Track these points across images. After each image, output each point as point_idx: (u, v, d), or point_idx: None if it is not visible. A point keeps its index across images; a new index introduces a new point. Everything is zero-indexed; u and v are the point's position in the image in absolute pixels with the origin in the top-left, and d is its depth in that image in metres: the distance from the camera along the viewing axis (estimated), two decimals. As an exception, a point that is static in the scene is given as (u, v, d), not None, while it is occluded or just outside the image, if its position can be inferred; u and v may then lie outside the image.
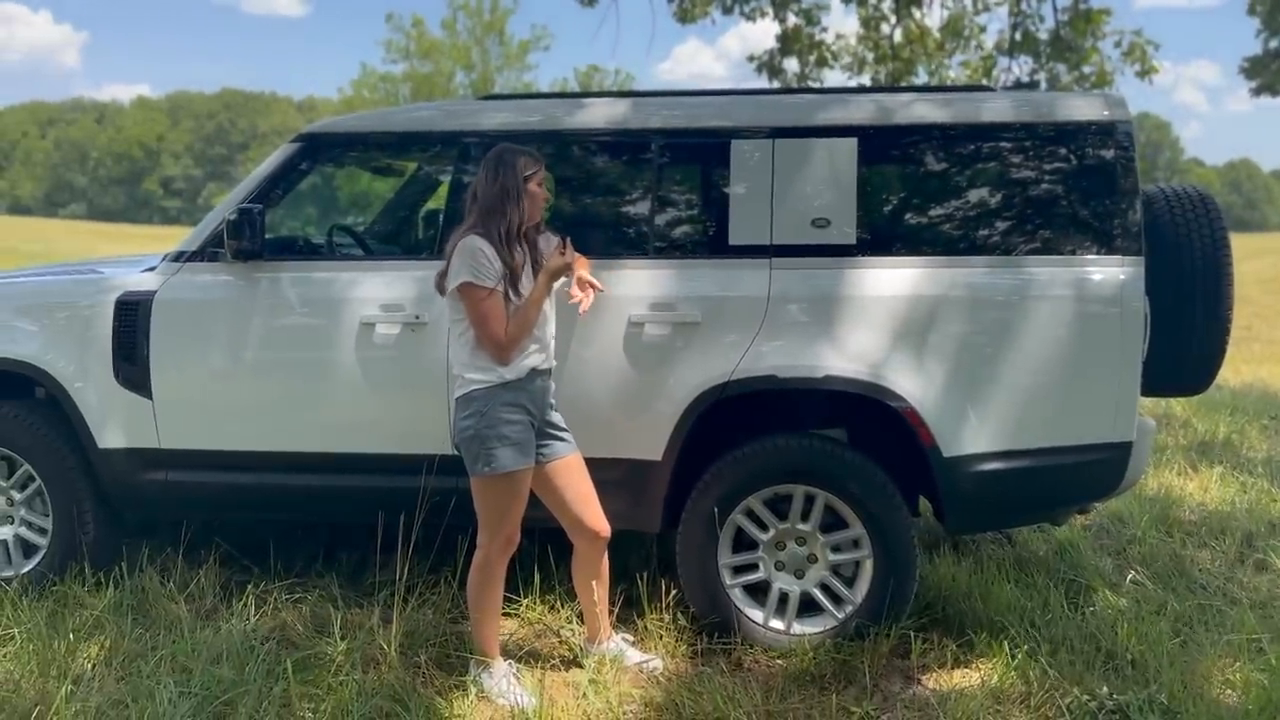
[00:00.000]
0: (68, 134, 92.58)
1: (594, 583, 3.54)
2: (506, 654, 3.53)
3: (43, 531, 4.16)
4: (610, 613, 3.68)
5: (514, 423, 3.24)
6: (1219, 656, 3.57)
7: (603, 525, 3.49)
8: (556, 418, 3.44)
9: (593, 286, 3.33)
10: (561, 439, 3.43)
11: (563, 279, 3.35)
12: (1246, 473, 6.19)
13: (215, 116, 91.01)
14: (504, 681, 3.33)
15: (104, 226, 58.51)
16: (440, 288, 3.33)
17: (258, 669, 3.35)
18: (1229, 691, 3.35)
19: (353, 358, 3.83)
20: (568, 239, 3.34)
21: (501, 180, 3.26)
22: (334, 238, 4.54)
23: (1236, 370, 10.68)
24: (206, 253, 4.00)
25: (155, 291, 3.98)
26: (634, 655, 3.57)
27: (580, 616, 3.84)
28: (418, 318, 3.79)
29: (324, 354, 3.86)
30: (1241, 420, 7.72)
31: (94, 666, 3.46)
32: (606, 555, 3.56)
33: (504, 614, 3.59)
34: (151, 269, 4.09)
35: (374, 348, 3.82)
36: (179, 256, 4.04)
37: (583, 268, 3.37)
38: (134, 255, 5.38)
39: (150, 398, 3.95)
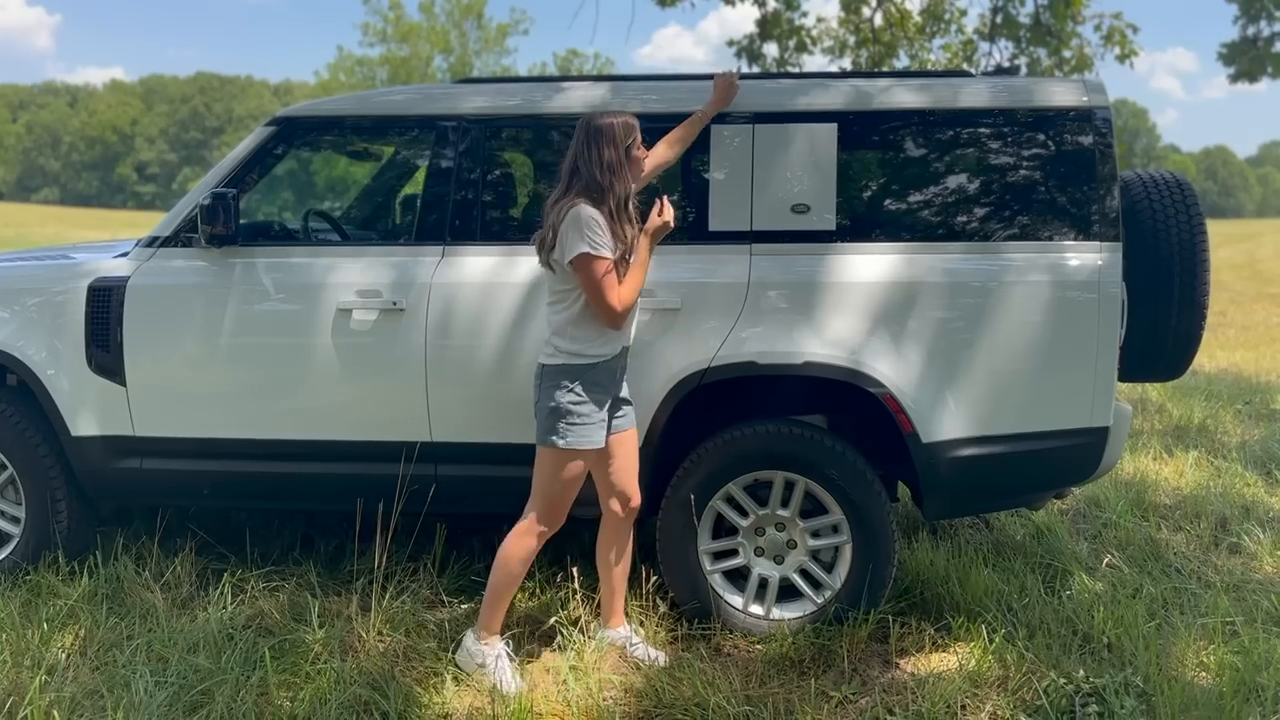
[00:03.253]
0: (40, 118, 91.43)
1: (618, 562, 3.56)
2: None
3: (15, 520, 4.12)
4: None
5: (599, 403, 3.26)
6: (1194, 639, 3.61)
7: (637, 495, 3.52)
8: (625, 390, 3.45)
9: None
10: (625, 414, 3.45)
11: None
12: (1221, 457, 6.25)
13: (190, 100, 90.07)
14: (494, 660, 3.32)
15: (77, 211, 57.86)
16: (546, 261, 3.24)
17: (235, 658, 3.34)
18: (1203, 674, 3.39)
19: (329, 344, 3.80)
20: (663, 196, 3.32)
21: (603, 153, 3.20)
22: (310, 223, 4.50)
23: (1211, 356, 10.77)
24: (180, 238, 3.95)
25: (128, 277, 3.93)
26: (640, 650, 3.54)
27: (563, 601, 3.84)
28: (395, 303, 3.76)
29: (300, 340, 3.82)
30: (1216, 405, 7.79)
31: (68, 656, 3.43)
32: (632, 538, 3.57)
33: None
34: (125, 255, 4.04)
35: (351, 334, 3.79)
36: (152, 242, 3.99)
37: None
38: (107, 241, 5.31)
39: (124, 385, 3.91)
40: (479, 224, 3.85)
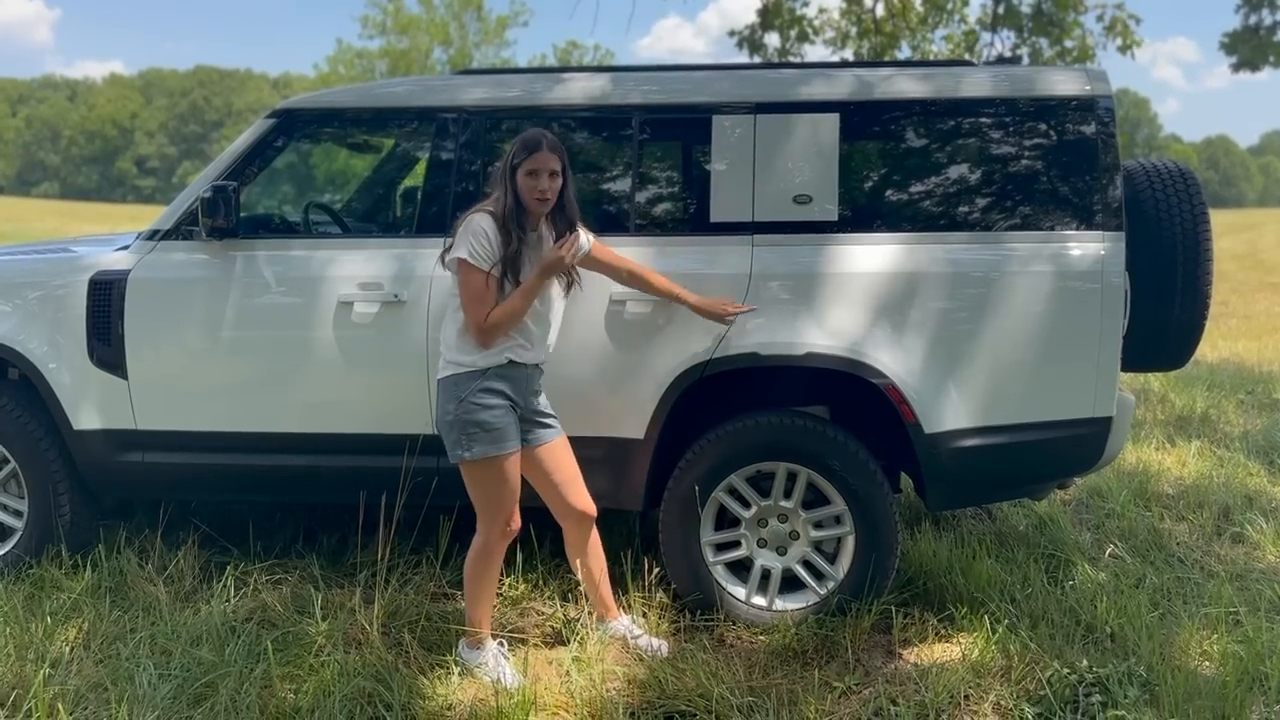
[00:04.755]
0: (39, 112, 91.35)
1: (590, 562, 3.54)
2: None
3: (18, 514, 4.12)
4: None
5: (492, 408, 3.21)
6: (1197, 629, 3.61)
7: (588, 505, 3.48)
8: (543, 404, 3.41)
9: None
10: (547, 425, 3.41)
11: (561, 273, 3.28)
12: (1223, 447, 6.25)
13: (189, 94, 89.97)
14: (493, 659, 3.33)
15: (77, 205, 57.81)
16: (443, 261, 3.29)
17: (238, 650, 3.33)
18: (1207, 663, 3.39)
19: (331, 337, 3.79)
20: (576, 232, 3.27)
21: (502, 162, 3.24)
22: (310, 215, 4.49)
23: (1214, 345, 10.76)
24: (181, 231, 3.95)
25: (129, 271, 3.92)
26: (643, 641, 3.54)
27: (564, 595, 3.84)
28: (396, 296, 3.76)
29: (301, 333, 3.82)
30: (1218, 395, 7.79)
31: (72, 649, 3.43)
32: (597, 533, 3.56)
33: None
34: (125, 248, 4.03)
35: (352, 327, 3.78)
36: (153, 235, 3.99)
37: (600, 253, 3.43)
38: (107, 234, 5.31)
39: (125, 378, 3.90)
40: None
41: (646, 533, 4.32)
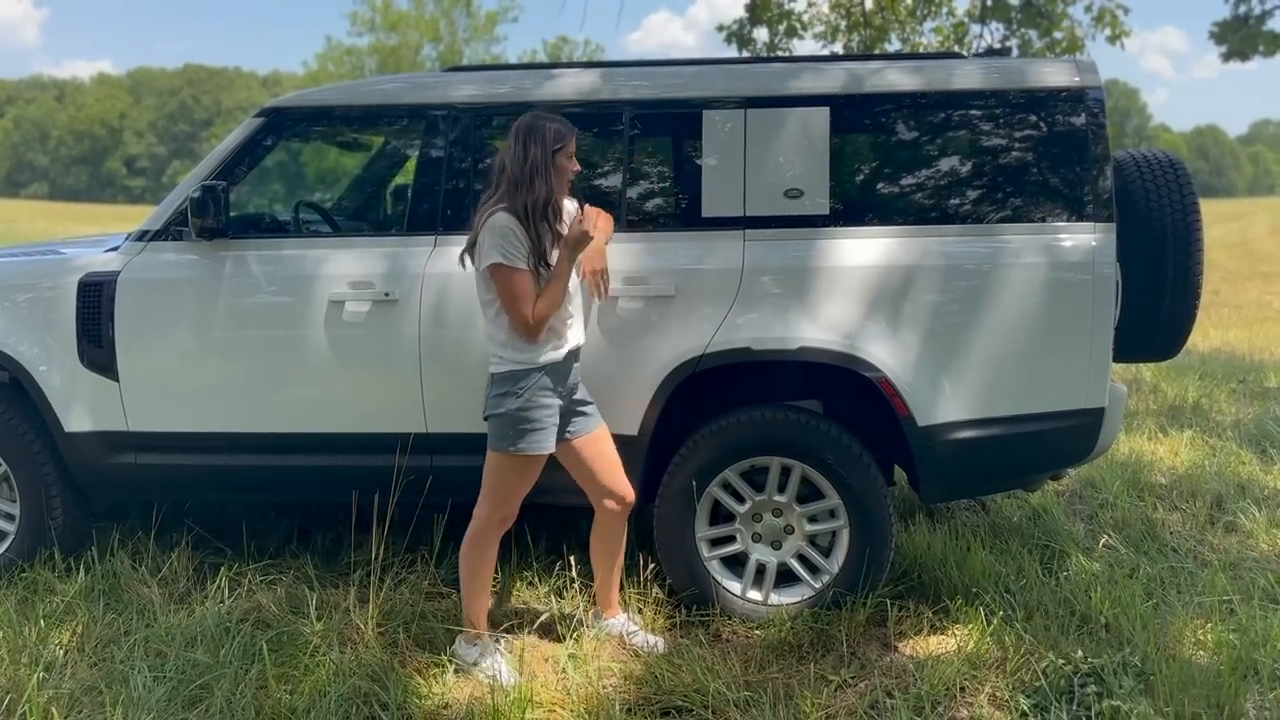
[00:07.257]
0: (27, 113, 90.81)
1: (612, 553, 3.56)
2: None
3: (10, 517, 4.10)
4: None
5: (547, 407, 3.22)
6: (1191, 618, 3.62)
7: (629, 490, 3.50)
8: (582, 392, 3.42)
9: (602, 282, 3.33)
10: (587, 414, 3.42)
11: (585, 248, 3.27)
12: (1216, 436, 6.27)
13: (178, 93, 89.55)
14: (488, 657, 3.32)
15: (66, 206, 57.56)
16: (463, 262, 3.27)
17: (233, 651, 3.33)
18: (1201, 652, 3.40)
19: (322, 336, 3.78)
20: (585, 205, 3.25)
21: (530, 153, 3.16)
22: (300, 214, 4.48)
23: (1205, 335, 10.80)
24: (170, 231, 3.93)
25: (119, 272, 3.91)
26: (639, 637, 3.54)
27: (561, 590, 3.84)
28: (387, 295, 3.74)
29: (293, 333, 3.81)
30: (1210, 384, 7.81)
31: (66, 653, 3.42)
32: (626, 526, 3.56)
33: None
34: (115, 249, 4.02)
35: (344, 326, 3.77)
36: (142, 236, 3.97)
37: (605, 228, 3.37)
38: (97, 235, 5.29)
39: (116, 380, 3.89)
40: (471, 213, 3.83)
41: (641, 529, 4.31)
